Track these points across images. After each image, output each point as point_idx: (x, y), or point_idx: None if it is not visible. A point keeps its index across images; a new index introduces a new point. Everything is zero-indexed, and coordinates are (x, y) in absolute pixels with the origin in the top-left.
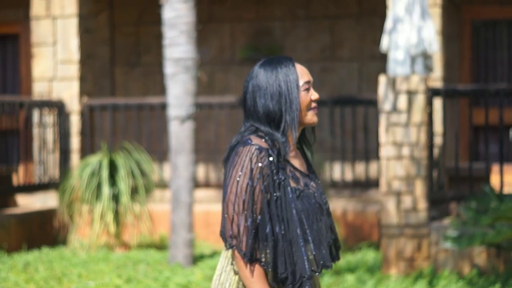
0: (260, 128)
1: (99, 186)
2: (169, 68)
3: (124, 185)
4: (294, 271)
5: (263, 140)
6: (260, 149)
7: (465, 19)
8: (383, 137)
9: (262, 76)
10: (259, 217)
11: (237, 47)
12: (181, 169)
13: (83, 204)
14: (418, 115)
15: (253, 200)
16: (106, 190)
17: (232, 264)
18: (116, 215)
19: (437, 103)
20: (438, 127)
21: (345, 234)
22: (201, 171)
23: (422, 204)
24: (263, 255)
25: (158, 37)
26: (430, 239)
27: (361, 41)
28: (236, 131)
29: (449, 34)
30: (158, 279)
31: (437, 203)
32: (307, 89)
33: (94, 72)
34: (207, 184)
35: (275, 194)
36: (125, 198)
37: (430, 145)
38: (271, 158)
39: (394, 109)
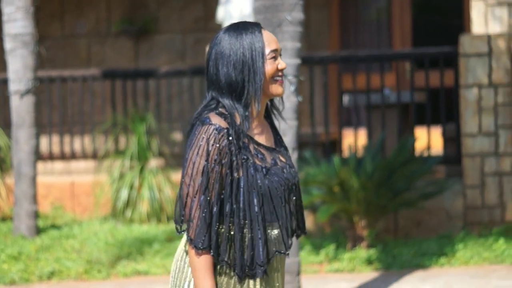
0: (222, 100)
1: None
2: (8, 44)
3: None
4: (252, 256)
5: (222, 118)
6: (219, 129)
7: None
8: None
9: (225, 42)
10: (213, 200)
11: (113, 20)
12: (22, 143)
13: None
14: None
15: (208, 183)
16: None
17: (184, 247)
18: None
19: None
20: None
21: None
22: (66, 144)
23: None
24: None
25: None
26: None
27: None
28: (102, 103)
29: (316, 2)
30: None
31: None
32: (274, 58)
33: None
34: (73, 156)
35: (234, 176)
36: None
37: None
38: (230, 138)
39: None
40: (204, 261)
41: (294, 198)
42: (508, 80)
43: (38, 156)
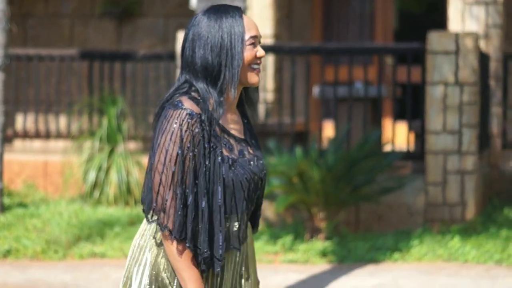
0: (196, 84)
1: None
2: None
3: None
4: (212, 249)
5: (195, 103)
6: (192, 115)
7: None
8: None
9: (204, 24)
10: (188, 190)
11: (98, 1)
12: None
13: None
14: None
15: (183, 171)
16: None
17: (154, 237)
18: None
19: (269, 60)
20: (269, 83)
21: None
22: (42, 123)
23: None
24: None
25: None
26: None
27: None
28: (79, 83)
29: None
30: None
31: None
32: (253, 44)
33: None
34: (48, 135)
35: (205, 164)
36: None
37: None
38: (203, 124)
39: None
40: (186, 252)
41: (257, 192)
42: (474, 79)
43: (5, 133)
